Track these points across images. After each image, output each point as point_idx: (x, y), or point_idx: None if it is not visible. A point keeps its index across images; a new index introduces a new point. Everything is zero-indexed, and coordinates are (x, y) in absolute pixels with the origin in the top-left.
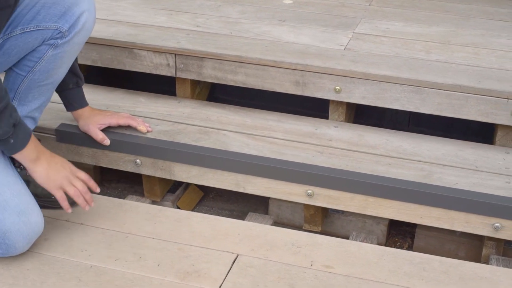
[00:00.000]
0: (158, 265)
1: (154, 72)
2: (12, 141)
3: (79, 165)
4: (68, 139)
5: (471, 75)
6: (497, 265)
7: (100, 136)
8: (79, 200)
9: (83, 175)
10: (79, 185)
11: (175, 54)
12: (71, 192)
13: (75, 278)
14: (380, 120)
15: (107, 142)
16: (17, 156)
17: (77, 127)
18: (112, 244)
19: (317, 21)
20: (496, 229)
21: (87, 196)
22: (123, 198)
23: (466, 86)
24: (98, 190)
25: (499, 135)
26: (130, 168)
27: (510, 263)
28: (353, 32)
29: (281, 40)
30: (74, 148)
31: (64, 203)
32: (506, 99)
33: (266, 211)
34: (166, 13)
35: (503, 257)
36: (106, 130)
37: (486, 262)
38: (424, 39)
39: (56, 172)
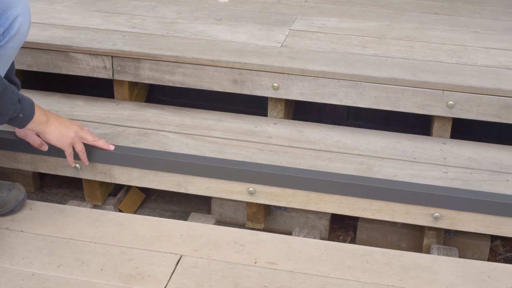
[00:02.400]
0: (101, 269)
1: (91, 75)
2: (21, 115)
3: (17, 172)
4: (4, 145)
5: (406, 68)
6: (438, 254)
7: (38, 142)
8: (82, 156)
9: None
10: (89, 137)
11: (112, 56)
12: (79, 148)
13: (17, 287)
14: (319, 116)
15: (45, 147)
16: (30, 125)
17: (13, 133)
18: (54, 250)
19: (253, 19)
20: (436, 218)
21: (100, 143)
22: (64, 204)
23: (402, 79)
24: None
25: (435, 126)
26: (69, 172)
27: (450, 252)
28: (290, 29)
29: (218, 39)
30: (12, 154)
31: (70, 158)
32: (442, 91)
33: (209, 211)
34: (101, 15)
35: (443, 246)
36: None
37: (428, 251)
38: (360, 34)
39: (67, 129)
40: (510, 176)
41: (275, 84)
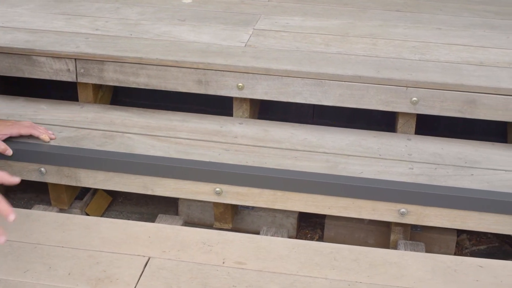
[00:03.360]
0: (69, 273)
1: (54, 78)
2: None
3: None
4: None
5: (370, 66)
6: (405, 250)
7: (1, 147)
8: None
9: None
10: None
11: (75, 59)
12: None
13: None
14: (285, 114)
15: (9, 152)
16: None
17: None
18: (20, 255)
19: (217, 19)
20: (402, 214)
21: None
22: (30, 208)
23: (366, 76)
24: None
25: (400, 122)
26: (34, 177)
27: (417, 247)
28: (254, 29)
29: (181, 39)
30: None
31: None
32: (405, 87)
33: (176, 212)
34: (64, 17)
35: (410, 242)
36: (8, 139)
37: (395, 247)
38: (323, 32)
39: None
40: (474, 171)
41: (239, 84)
